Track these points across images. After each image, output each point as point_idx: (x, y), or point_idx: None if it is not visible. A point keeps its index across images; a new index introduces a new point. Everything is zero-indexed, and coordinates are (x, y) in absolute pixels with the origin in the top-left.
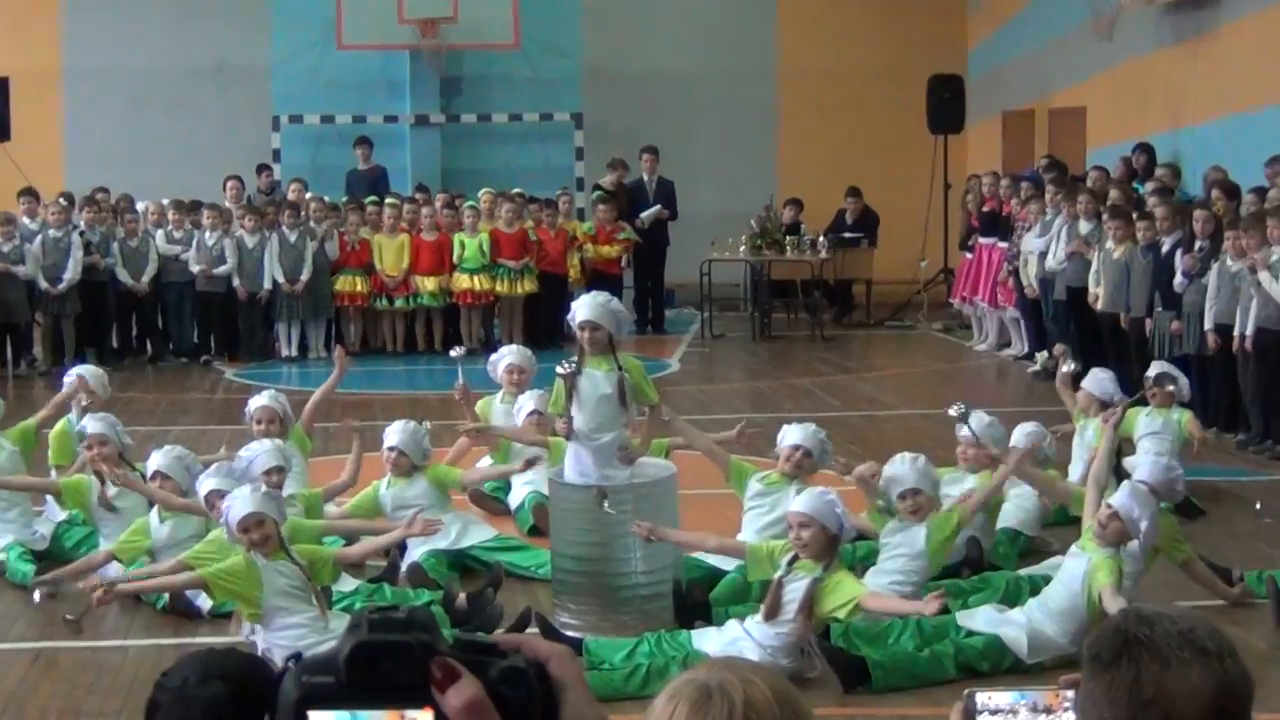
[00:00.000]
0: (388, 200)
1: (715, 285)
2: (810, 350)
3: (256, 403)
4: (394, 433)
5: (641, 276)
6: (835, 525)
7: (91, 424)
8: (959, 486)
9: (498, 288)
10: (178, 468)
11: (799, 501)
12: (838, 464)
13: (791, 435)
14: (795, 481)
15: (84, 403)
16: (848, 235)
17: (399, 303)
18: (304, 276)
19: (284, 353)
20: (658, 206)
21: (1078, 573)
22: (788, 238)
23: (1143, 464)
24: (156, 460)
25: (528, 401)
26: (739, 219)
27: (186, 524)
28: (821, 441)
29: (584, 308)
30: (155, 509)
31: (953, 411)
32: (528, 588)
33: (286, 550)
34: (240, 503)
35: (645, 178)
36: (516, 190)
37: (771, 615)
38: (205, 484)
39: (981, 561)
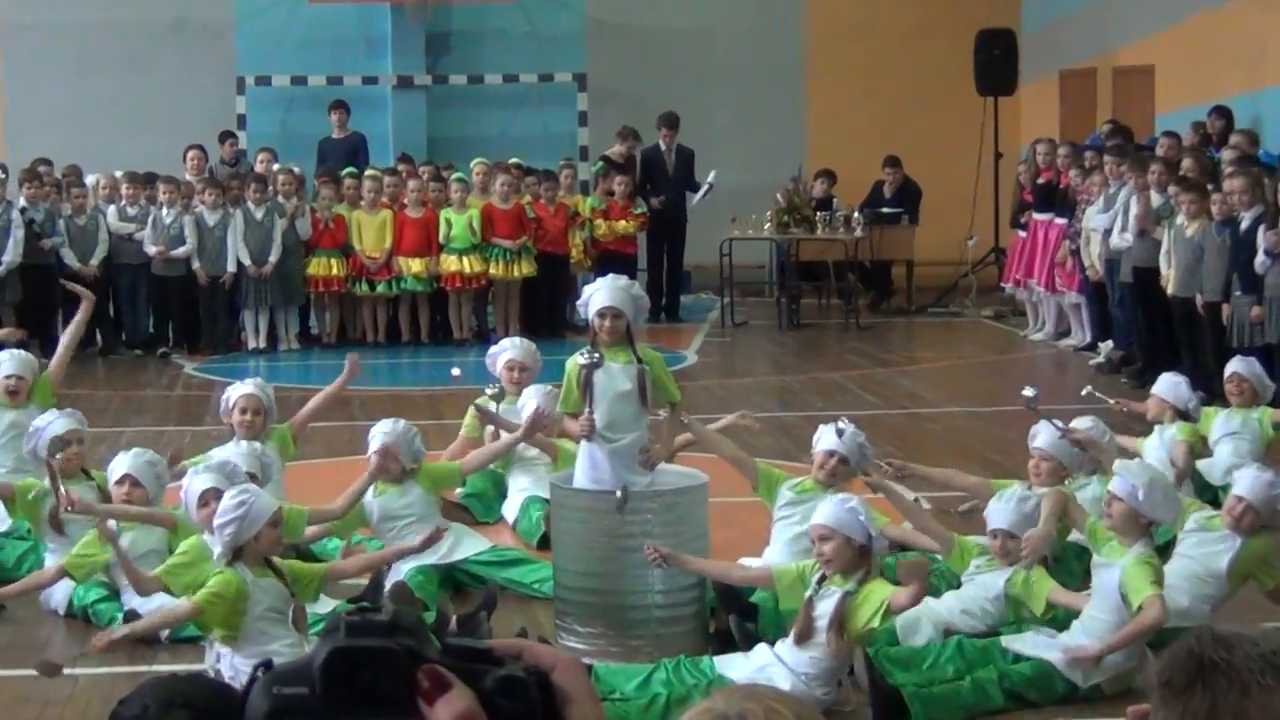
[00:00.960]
0: (367, 172)
1: (737, 267)
2: (844, 340)
3: (239, 391)
4: (380, 433)
5: (655, 257)
6: (861, 534)
7: (61, 421)
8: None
9: (491, 270)
10: (148, 474)
11: (818, 513)
12: (886, 469)
13: (826, 439)
14: (830, 490)
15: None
16: (886, 211)
17: (380, 287)
18: (272, 258)
19: (250, 344)
20: (712, 174)
21: (1112, 584)
22: (818, 214)
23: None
24: (125, 463)
25: (531, 400)
26: (764, 193)
27: (148, 536)
28: (860, 446)
29: (604, 292)
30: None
31: (1027, 392)
32: (526, 607)
33: (273, 565)
34: (200, 479)
35: (663, 146)
36: (513, 161)
37: (804, 638)
38: (197, 482)
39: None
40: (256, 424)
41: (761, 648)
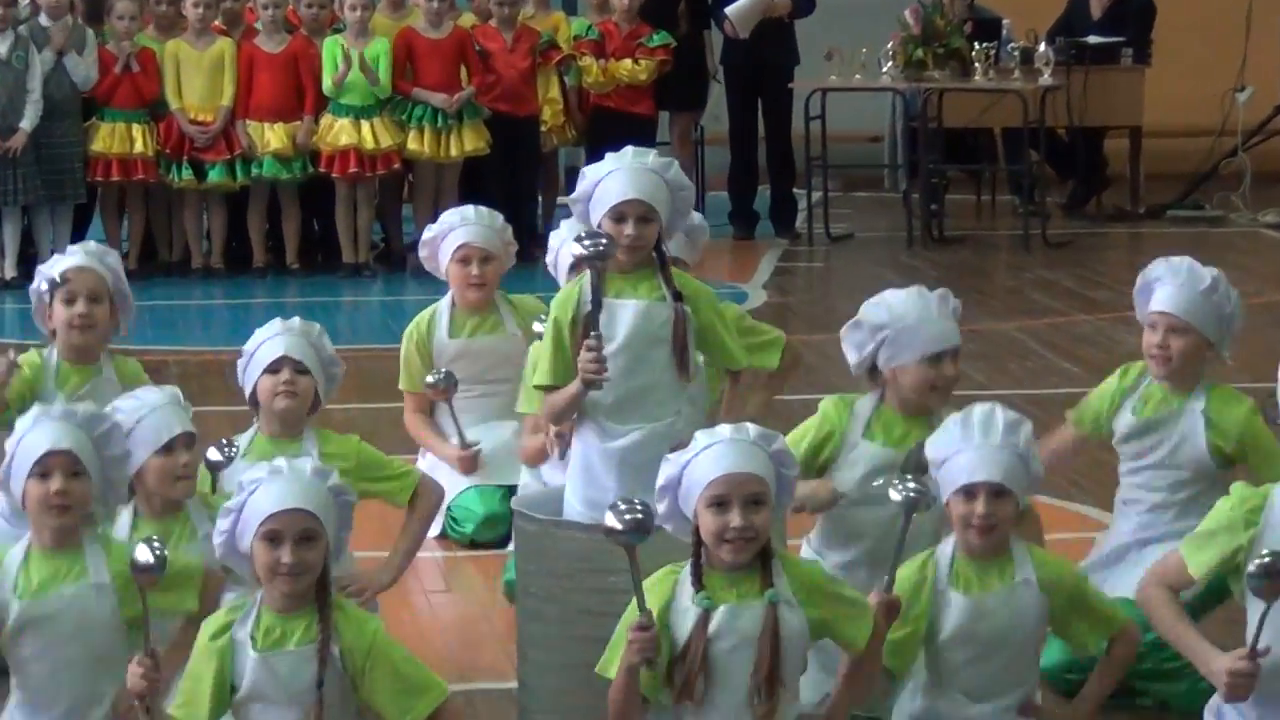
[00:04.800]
0: None
1: (835, 139)
2: (1022, 266)
3: (63, 264)
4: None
5: (680, 117)
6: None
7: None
8: None
9: (411, 145)
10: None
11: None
12: None
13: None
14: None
15: None
16: (1095, 42)
17: (215, 174)
18: (25, 124)
19: None
20: None
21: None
22: (976, 46)
23: None
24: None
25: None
26: (880, 11)
27: None
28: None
29: (625, 177)
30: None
31: None
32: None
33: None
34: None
35: None
36: None
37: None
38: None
39: None
40: (100, 321)
41: None
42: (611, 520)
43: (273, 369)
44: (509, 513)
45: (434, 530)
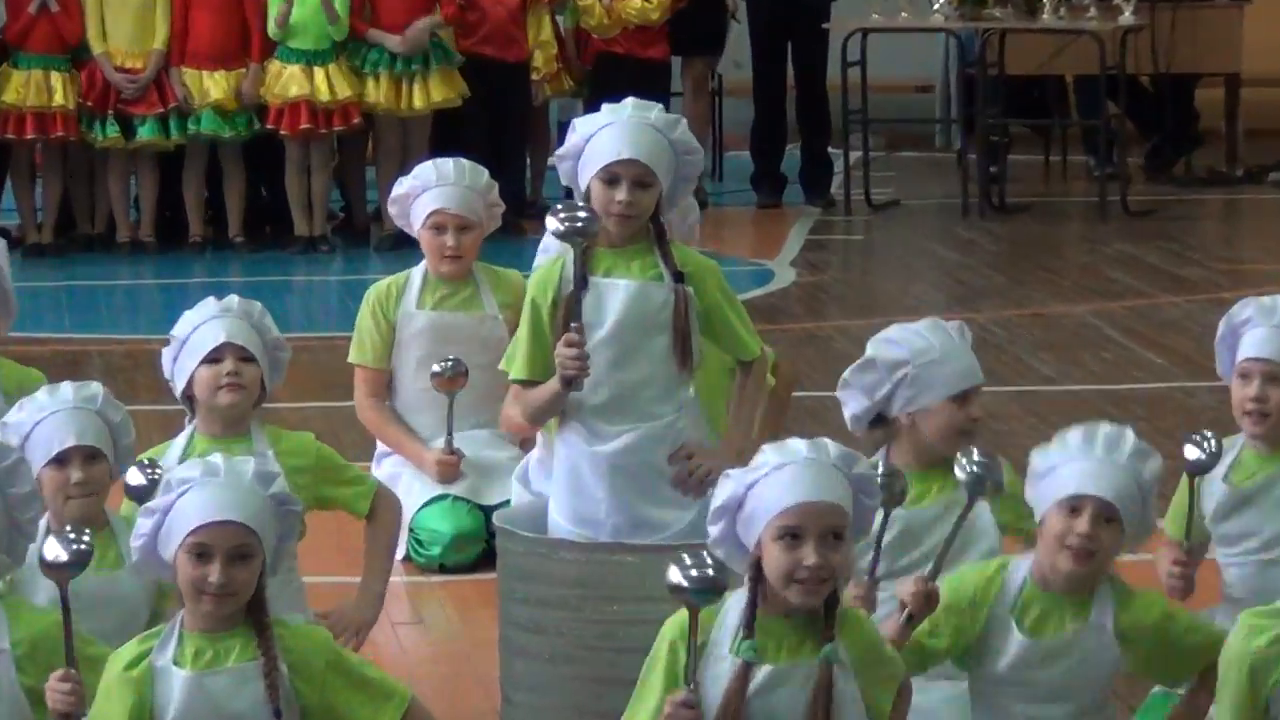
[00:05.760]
0: None
1: (876, 89)
2: (1096, 238)
3: None
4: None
5: (694, 63)
6: None
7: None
8: None
9: (370, 96)
10: None
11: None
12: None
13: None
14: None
15: None
16: None
17: (145, 131)
18: None
19: None
20: None
21: None
22: None
23: None
24: None
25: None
26: None
27: None
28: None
29: (621, 132)
30: None
31: None
32: None
33: None
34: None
35: None
36: None
37: None
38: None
39: None
40: None
41: None
42: (676, 576)
43: (213, 358)
44: (481, 530)
45: (398, 553)
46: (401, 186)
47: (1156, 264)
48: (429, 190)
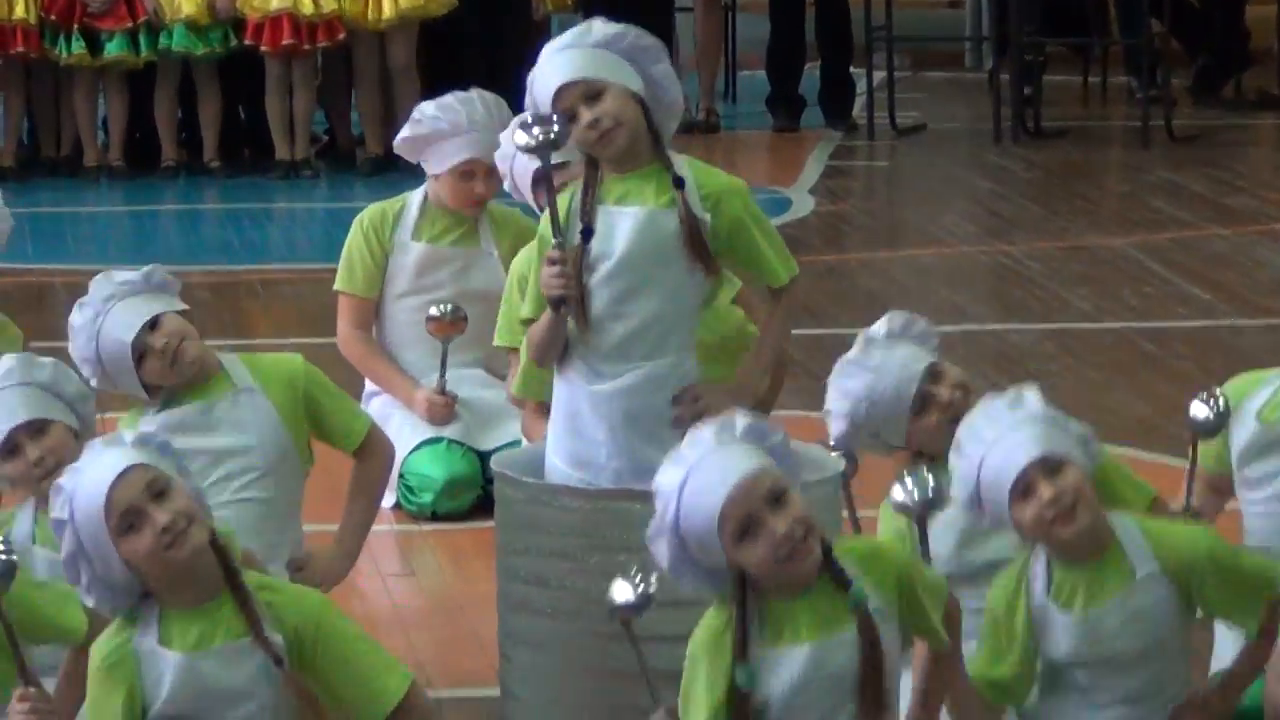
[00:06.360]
0: None
1: (902, 4)
2: (1139, 165)
3: None
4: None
5: None
6: None
7: None
8: None
9: (351, 6)
10: None
11: None
12: None
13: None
14: None
15: None
16: None
17: (113, 47)
18: None
19: None
20: None
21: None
22: None
23: None
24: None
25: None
26: None
27: None
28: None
29: (556, 61)
30: None
31: None
32: None
33: None
34: None
35: None
36: None
37: None
38: None
39: None
40: None
41: None
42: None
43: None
44: (477, 475)
45: (387, 500)
46: (421, 126)
47: (1202, 193)
48: (460, 136)
